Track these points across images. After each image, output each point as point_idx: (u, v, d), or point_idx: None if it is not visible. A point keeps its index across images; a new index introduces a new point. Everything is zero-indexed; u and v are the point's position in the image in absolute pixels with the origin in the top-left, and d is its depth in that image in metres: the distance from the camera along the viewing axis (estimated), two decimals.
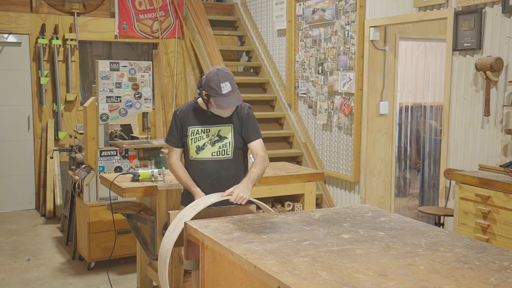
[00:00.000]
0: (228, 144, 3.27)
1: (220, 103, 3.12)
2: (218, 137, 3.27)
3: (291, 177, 4.38)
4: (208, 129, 3.27)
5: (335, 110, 6.02)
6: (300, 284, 1.84)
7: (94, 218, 4.77)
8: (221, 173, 3.27)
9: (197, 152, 3.27)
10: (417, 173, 6.57)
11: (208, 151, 3.27)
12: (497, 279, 1.92)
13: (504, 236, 3.73)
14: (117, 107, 4.89)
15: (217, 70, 3.16)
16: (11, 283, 4.54)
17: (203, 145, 3.27)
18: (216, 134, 3.27)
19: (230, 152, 3.29)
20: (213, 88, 3.10)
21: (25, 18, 6.80)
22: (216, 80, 3.11)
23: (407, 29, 5.80)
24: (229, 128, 3.29)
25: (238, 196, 3.05)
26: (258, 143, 3.32)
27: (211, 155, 3.27)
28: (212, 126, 3.27)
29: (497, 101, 4.28)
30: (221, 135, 3.28)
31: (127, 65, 4.91)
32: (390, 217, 2.81)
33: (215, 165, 3.26)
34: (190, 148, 3.29)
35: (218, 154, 3.28)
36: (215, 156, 3.27)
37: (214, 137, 3.27)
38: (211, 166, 3.26)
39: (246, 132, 3.30)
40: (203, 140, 3.27)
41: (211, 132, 3.27)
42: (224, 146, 3.27)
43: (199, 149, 3.27)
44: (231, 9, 8.23)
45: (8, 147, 6.85)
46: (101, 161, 4.81)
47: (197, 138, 3.27)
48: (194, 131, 3.28)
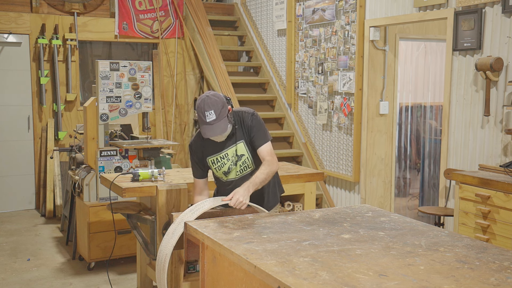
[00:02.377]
0: (247, 160, 3.33)
1: (203, 131, 3.11)
2: (237, 157, 3.32)
3: (291, 177, 4.38)
4: (226, 153, 3.31)
5: (335, 110, 6.02)
6: (300, 284, 1.84)
7: (94, 218, 4.77)
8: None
9: (225, 175, 3.36)
10: (417, 173, 6.57)
11: (233, 172, 3.34)
12: (497, 279, 1.92)
13: (504, 236, 3.73)
14: (117, 107, 4.88)
15: (205, 97, 3.11)
16: (11, 283, 4.54)
17: (228, 169, 3.33)
18: (234, 154, 3.32)
19: (251, 165, 3.35)
20: (200, 115, 3.10)
21: (25, 18, 6.80)
22: (202, 107, 3.09)
23: (407, 29, 5.80)
24: (242, 145, 3.32)
25: (237, 201, 3.05)
26: (264, 148, 3.31)
27: (235, 175, 3.35)
28: (228, 148, 3.30)
29: (497, 101, 4.28)
30: (239, 154, 3.32)
31: (127, 65, 4.91)
32: (390, 217, 2.81)
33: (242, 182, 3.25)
34: (218, 175, 3.37)
35: (241, 171, 3.35)
36: (239, 174, 3.35)
37: (234, 158, 3.32)
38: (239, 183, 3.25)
39: (253, 140, 3.31)
40: (226, 165, 3.32)
41: (230, 154, 3.31)
42: (244, 163, 3.34)
43: (226, 174, 3.35)
44: (231, 9, 8.23)
45: (8, 147, 6.85)
46: (101, 161, 4.81)
47: (220, 165, 3.33)
48: (214, 161, 3.32)
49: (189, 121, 7.79)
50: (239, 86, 7.24)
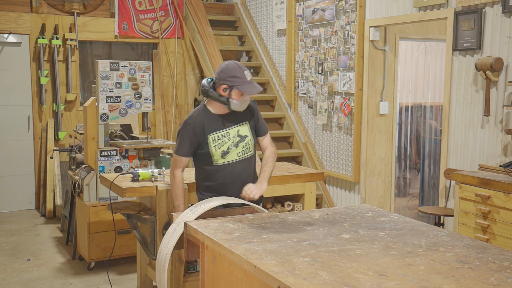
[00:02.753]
0: (249, 142, 3.33)
1: (247, 90, 3.15)
2: (240, 137, 3.31)
3: (291, 177, 4.38)
4: (228, 132, 3.28)
5: (335, 110, 6.02)
6: (300, 284, 1.84)
7: (94, 218, 4.77)
8: (248, 171, 3.35)
9: (222, 157, 3.27)
10: (417, 173, 6.57)
11: (234, 153, 3.29)
12: (497, 279, 1.92)
13: (504, 236, 3.73)
14: (117, 107, 4.89)
15: (234, 62, 3.22)
16: (11, 283, 4.54)
17: (227, 149, 3.27)
18: (236, 135, 3.30)
19: (251, 149, 3.36)
20: (238, 76, 3.15)
21: (25, 18, 6.80)
22: (238, 69, 3.17)
23: (407, 29, 5.80)
24: (246, 126, 3.34)
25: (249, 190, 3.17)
26: (267, 137, 3.41)
27: (237, 156, 3.30)
28: (230, 128, 3.29)
29: (497, 101, 4.28)
30: (241, 135, 3.31)
31: (127, 65, 4.91)
32: (390, 217, 2.81)
33: (242, 165, 3.31)
34: (214, 155, 3.27)
35: (243, 153, 3.32)
36: (240, 156, 3.31)
37: (236, 138, 3.30)
38: (239, 166, 3.30)
39: (258, 126, 3.37)
40: (226, 144, 3.27)
41: (231, 134, 3.29)
42: (247, 144, 3.33)
43: (224, 154, 3.27)
44: (231, 9, 8.23)
45: (8, 147, 6.85)
46: (101, 161, 4.81)
47: (220, 144, 3.27)
48: (215, 138, 3.27)
49: None
50: None
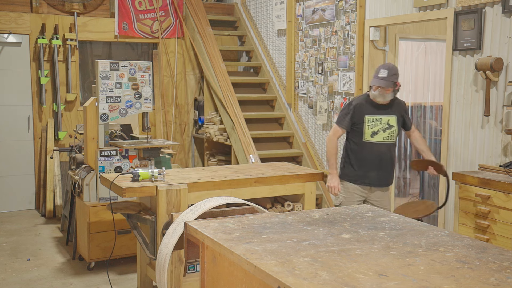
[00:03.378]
0: (394, 132, 4.31)
1: (372, 82, 4.19)
2: (388, 125, 4.28)
3: (291, 177, 4.38)
4: (381, 118, 4.28)
5: (335, 110, 6.02)
6: (300, 284, 1.84)
7: (94, 218, 4.77)
8: (387, 154, 4.31)
9: (372, 136, 4.28)
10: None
11: (380, 136, 4.28)
12: (497, 279, 1.92)
13: (504, 236, 3.73)
14: (117, 107, 4.89)
15: (387, 63, 4.48)
16: (11, 283, 4.54)
17: (377, 130, 4.27)
18: (386, 122, 4.28)
19: (394, 138, 4.34)
20: (376, 71, 4.23)
21: (25, 18, 6.81)
22: (380, 67, 4.22)
23: (407, 29, 5.80)
24: (395, 119, 4.31)
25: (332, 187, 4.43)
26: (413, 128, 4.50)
27: (382, 139, 4.29)
28: (383, 116, 4.28)
29: (497, 101, 4.28)
30: (390, 124, 4.29)
31: (127, 65, 4.91)
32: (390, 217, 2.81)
33: (385, 148, 4.30)
34: (366, 133, 4.29)
35: (387, 139, 4.30)
36: (385, 140, 4.30)
37: (385, 125, 4.28)
38: (383, 148, 4.29)
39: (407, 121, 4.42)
40: (377, 127, 4.27)
41: (383, 121, 4.28)
42: (392, 133, 4.30)
43: (374, 134, 4.27)
44: (231, 9, 8.23)
45: (8, 147, 6.85)
46: (101, 161, 4.81)
47: (373, 125, 4.27)
48: (370, 119, 4.27)
49: (189, 121, 7.79)
50: (239, 86, 7.23)
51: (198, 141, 7.81)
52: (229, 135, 6.64)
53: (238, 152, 6.44)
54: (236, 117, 6.50)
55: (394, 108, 4.33)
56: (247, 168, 4.66)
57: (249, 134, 6.34)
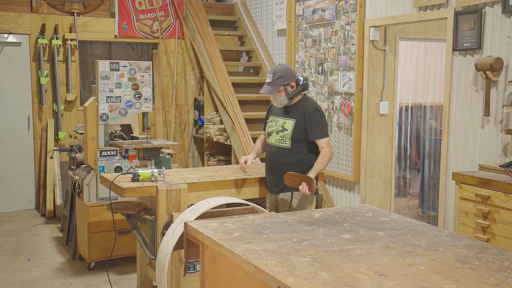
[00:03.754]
0: (286, 136, 3.98)
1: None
2: (281, 128, 4.01)
3: None
4: (278, 120, 4.06)
5: (335, 110, 6.02)
6: (300, 284, 1.84)
7: (94, 218, 4.77)
8: (280, 158, 3.99)
9: (267, 136, 4.13)
10: (417, 173, 6.57)
11: (273, 138, 4.06)
12: (497, 279, 1.92)
13: (504, 236, 3.73)
14: (117, 107, 4.89)
15: (278, 64, 3.99)
16: (11, 283, 4.54)
17: (271, 131, 4.07)
18: (281, 125, 4.02)
19: (288, 142, 3.97)
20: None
21: (25, 18, 6.80)
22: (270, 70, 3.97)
23: (407, 29, 5.80)
24: (292, 123, 3.97)
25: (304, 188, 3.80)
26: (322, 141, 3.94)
27: (274, 141, 4.05)
28: (280, 117, 4.05)
29: (497, 101, 4.28)
30: (284, 127, 4.01)
31: (127, 65, 4.91)
32: (390, 217, 2.81)
33: (275, 150, 4.03)
34: (266, 132, 4.17)
35: (279, 142, 4.02)
36: (277, 143, 4.03)
37: (279, 127, 4.03)
38: (274, 150, 4.04)
39: (310, 130, 3.94)
40: (271, 128, 4.08)
41: (278, 123, 4.05)
42: (283, 137, 3.99)
43: (269, 135, 4.10)
44: (231, 9, 8.23)
45: (8, 147, 6.85)
46: (101, 161, 4.81)
47: (270, 125, 4.10)
48: (270, 119, 4.12)
49: (189, 121, 7.79)
50: (239, 86, 7.23)
51: (198, 141, 7.81)
52: (229, 135, 6.64)
53: (238, 152, 6.43)
54: (236, 117, 6.50)
55: (295, 112, 3.98)
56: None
57: (249, 134, 6.34)
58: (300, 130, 3.93)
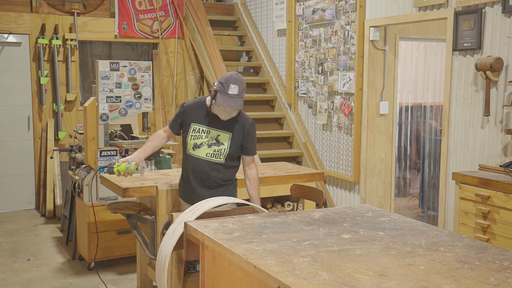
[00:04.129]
0: (223, 151, 3.48)
1: (222, 101, 3.32)
2: (216, 141, 3.48)
3: (291, 177, 4.38)
4: (209, 130, 3.47)
5: (335, 110, 6.02)
6: (300, 284, 1.84)
7: (94, 218, 4.77)
8: (211, 173, 3.49)
9: (193, 149, 3.49)
10: (417, 173, 6.57)
11: (203, 151, 3.48)
12: (497, 279, 1.92)
13: (504, 236, 3.73)
14: (117, 107, 4.89)
15: (234, 73, 3.37)
16: (11, 283, 4.54)
17: (200, 144, 3.48)
18: (214, 137, 3.48)
19: (222, 158, 3.49)
20: (223, 85, 3.32)
21: (25, 18, 6.80)
22: (228, 79, 3.32)
23: (407, 29, 5.80)
24: (228, 136, 3.48)
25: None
26: (253, 158, 3.61)
27: (205, 155, 3.48)
28: (213, 128, 3.47)
29: (497, 101, 4.28)
30: (219, 140, 3.48)
31: (127, 65, 4.91)
32: (390, 217, 2.81)
33: (207, 165, 3.48)
34: (188, 144, 3.51)
35: (211, 156, 3.48)
36: (209, 157, 3.48)
37: (212, 140, 3.48)
38: (204, 165, 3.48)
39: (246, 146, 3.53)
40: (200, 140, 3.48)
41: (211, 134, 3.47)
42: (219, 151, 3.48)
43: (195, 147, 3.48)
44: (231, 9, 8.23)
45: (8, 147, 6.85)
46: (101, 161, 4.81)
47: (196, 136, 3.48)
48: (195, 129, 3.49)
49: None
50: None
51: None
52: None
53: None
54: None
55: (232, 125, 3.47)
56: None
57: None
58: (237, 145, 3.49)
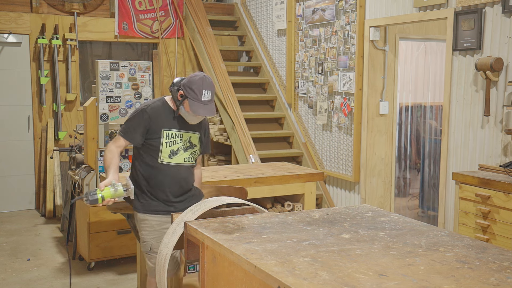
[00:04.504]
0: (196, 152, 3.38)
1: (196, 109, 3.15)
2: (189, 144, 3.34)
3: (291, 177, 4.38)
4: (182, 134, 3.30)
5: (335, 110, 6.02)
6: (300, 284, 1.84)
7: (94, 218, 4.78)
8: (189, 179, 3.37)
9: (170, 156, 3.27)
10: (417, 173, 6.57)
11: (181, 157, 3.30)
12: (497, 279, 1.92)
13: (504, 236, 3.73)
14: (117, 107, 4.89)
15: (203, 76, 3.17)
16: (11, 283, 4.54)
17: (177, 149, 3.28)
18: (187, 140, 3.33)
19: (194, 160, 3.40)
20: (194, 91, 3.12)
21: (25, 18, 6.80)
22: (200, 85, 3.13)
23: (407, 29, 5.80)
24: (197, 136, 3.37)
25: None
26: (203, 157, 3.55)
27: (183, 161, 3.32)
28: (184, 131, 3.31)
29: (497, 101, 4.28)
30: (192, 142, 3.35)
31: (127, 65, 4.92)
32: (390, 217, 2.81)
33: (185, 171, 3.34)
34: (163, 152, 3.25)
35: (188, 160, 3.34)
36: (186, 162, 3.33)
37: (186, 143, 3.32)
38: (183, 171, 3.32)
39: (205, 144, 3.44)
40: (177, 145, 3.28)
41: (184, 137, 3.31)
42: (194, 154, 3.37)
43: (173, 154, 3.28)
44: (231, 9, 8.23)
45: (8, 147, 6.85)
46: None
47: (172, 142, 3.27)
48: (169, 135, 3.26)
49: None
50: (239, 86, 7.24)
51: None
52: (229, 135, 6.64)
53: (238, 152, 6.43)
54: (236, 117, 6.49)
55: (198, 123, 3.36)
56: (247, 168, 4.66)
57: (249, 134, 6.34)
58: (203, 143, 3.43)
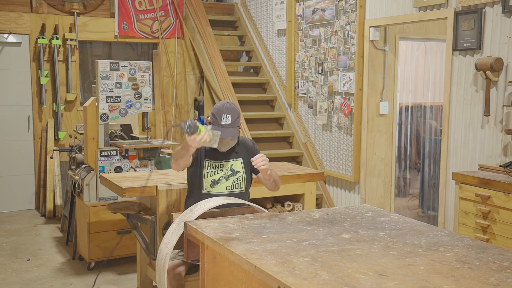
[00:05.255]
0: (241, 178, 3.40)
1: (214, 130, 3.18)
2: (231, 171, 3.38)
3: (291, 177, 4.38)
4: (222, 164, 3.36)
5: (335, 110, 6.02)
6: (300, 284, 1.84)
7: (94, 218, 4.77)
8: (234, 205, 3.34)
9: (212, 186, 3.35)
10: (417, 173, 6.57)
11: (223, 185, 3.35)
12: (497, 279, 1.92)
13: (504, 236, 3.73)
14: (117, 107, 4.88)
15: (225, 102, 3.29)
16: (11, 283, 4.54)
17: (218, 179, 3.36)
18: (229, 168, 3.38)
19: (243, 186, 3.41)
20: (215, 116, 3.24)
21: (25, 18, 6.80)
22: (220, 109, 3.24)
23: (407, 29, 5.80)
24: (240, 162, 3.40)
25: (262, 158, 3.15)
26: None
27: (225, 189, 3.36)
28: (224, 161, 3.37)
29: (497, 101, 4.28)
30: (234, 169, 3.39)
31: (127, 65, 4.91)
32: (390, 217, 2.81)
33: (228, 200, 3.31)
34: (205, 181, 3.35)
35: (232, 188, 3.37)
36: (229, 190, 3.36)
37: (228, 172, 3.37)
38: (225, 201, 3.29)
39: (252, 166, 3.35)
40: (218, 175, 3.35)
41: (225, 166, 3.37)
42: (238, 180, 3.39)
43: (214, 183, 3.35)
44: (231, 9, 8.23)
45: (8, 147, 6.85)
46: (101, 161, 4.81)
47: (213, 172, 3.36)
48: (210, 164, 3.35)
49: None
50: (239, 86, 7.24)
51: None
52: None
53: None
54: None
55: (238, 150, 3.41)
56: None
57: (249, 134, 6.34)
58: (249, 167, 3.42)
